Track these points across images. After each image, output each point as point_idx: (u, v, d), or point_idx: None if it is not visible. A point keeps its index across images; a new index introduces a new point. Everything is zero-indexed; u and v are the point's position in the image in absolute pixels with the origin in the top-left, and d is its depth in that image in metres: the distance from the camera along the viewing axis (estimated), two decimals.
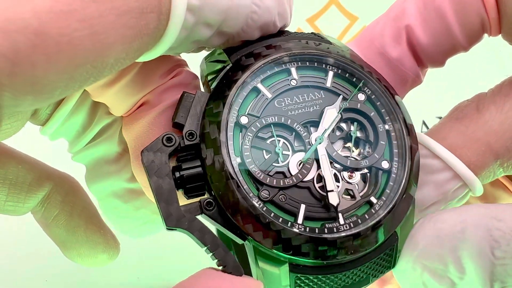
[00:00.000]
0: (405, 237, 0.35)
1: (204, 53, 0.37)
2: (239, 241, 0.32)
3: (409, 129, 0.35)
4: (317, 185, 0.33)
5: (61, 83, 0.24)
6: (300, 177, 0.33)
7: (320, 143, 0.34)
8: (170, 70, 0.36)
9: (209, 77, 0.34)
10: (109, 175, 0.41)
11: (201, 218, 0.32)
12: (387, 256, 0.34)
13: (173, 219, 0.30)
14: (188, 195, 0.32)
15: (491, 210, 0.33)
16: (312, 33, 0.38)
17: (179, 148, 0.32)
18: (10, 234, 0.55)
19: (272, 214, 0.31)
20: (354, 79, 0.36)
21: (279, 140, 0.34)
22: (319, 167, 0.33)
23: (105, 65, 0.26)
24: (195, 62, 0.38)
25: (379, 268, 0.34)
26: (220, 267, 0.31)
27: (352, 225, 0.32)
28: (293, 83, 0.35)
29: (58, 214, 0.41)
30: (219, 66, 0.34)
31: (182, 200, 0.32)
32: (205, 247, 0.31)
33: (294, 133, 0.34)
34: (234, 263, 0.31)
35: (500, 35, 0.36)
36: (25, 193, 0.39)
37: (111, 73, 0.27)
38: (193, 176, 0.32)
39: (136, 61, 0.30)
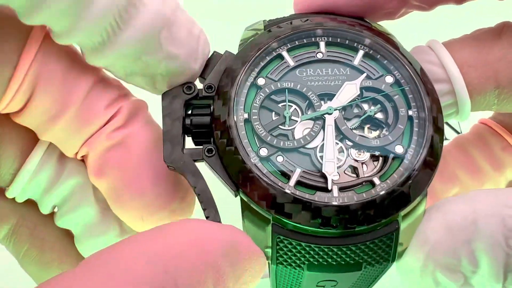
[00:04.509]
0: (410, 231, 0.32)
1: None
2: (233, 192, 0.33)
3: (435, 119, 0.33)
4: (318, 154, 0.33)
5: None
6: (302, 142, 0.33)
7: (329, 113, 0.33)
8: (114, 101, 0.35)
9: (240, 42, 0.36)
10: (97, 236, 0.38)
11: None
12: (383, 244, 0.32)
13: (171, 157, 0.33)
14: (195, 140, 0.34)
15: (502, 197, 0.31)
16: (358, 17, 0.38)
17: (197, 98, 0.35)
18: None
19: (265, 171, 0.32)
20: (386, 62, 0.35)
21: (291, 106, 0.34)
22: None
23: None
24: None
25: (373, 256, 0.32)
26: (204, 211, 0.32)
27: (345, 199, 0.31)
28: (319, 56, 0.35)
29: (27, 250, 0.38)
30: (253, 33, 0.36)
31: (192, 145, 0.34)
32: (193, 188, 0.32)
33: (307, 101, 0.34)
34: (215, 211, 0.32)
35: None
36: None
37: None
38: (201, 123, 0.34)
39: None
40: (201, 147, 0.33)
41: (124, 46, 0.31)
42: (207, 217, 0.32)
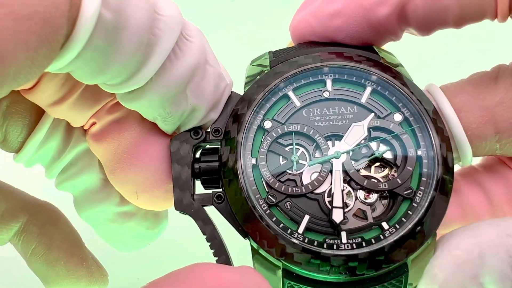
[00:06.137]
0: (419, 270, 0.33)
1: None
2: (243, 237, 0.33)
3: (445, 159, 0.33)
4: (326, 199, 0.33)
5: None
6: (310, 188, 0.33)
7: (336, 158, 0.33)
8: None
9: (246, 80, 0.36)
10: (98, 203, 0.39)
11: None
12: (393, 286, 0.32)
13: (182, 205, 0.33)
14: (205, 185, 0.35)
15: (503, 227, 0.31)
16: (365, 46, 0.37)
17: (205, 142, 0.35)
18: None
19: (274, 219, 0.32)
20: (394, 98, 0.34)
21: (298, 149, 0.34)
22: None
23: (6, 73, 0.23)
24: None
25: None
26: (216, 259, 0.33)
27: (354, 246, 0.31)
28: (326, 94, 0.35)
29: (35, 247, 0.39)
30: (258, 70, 0.36)
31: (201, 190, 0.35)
32: (204, 236, 0.33)
33: (314, 144, 0.34)
34: (226, 257, 0.33)
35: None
36: None
37: (18, 82, 0.25)
38: (209, 169, 0.34)
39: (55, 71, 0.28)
40: (211, 192, 0.34)
41: (152, 95, 0.31)
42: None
